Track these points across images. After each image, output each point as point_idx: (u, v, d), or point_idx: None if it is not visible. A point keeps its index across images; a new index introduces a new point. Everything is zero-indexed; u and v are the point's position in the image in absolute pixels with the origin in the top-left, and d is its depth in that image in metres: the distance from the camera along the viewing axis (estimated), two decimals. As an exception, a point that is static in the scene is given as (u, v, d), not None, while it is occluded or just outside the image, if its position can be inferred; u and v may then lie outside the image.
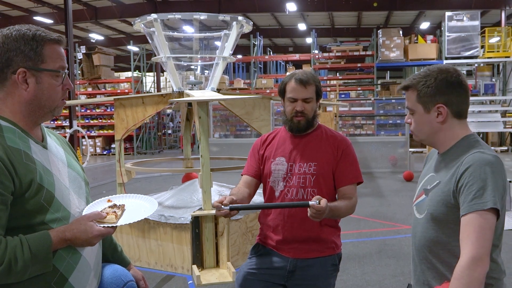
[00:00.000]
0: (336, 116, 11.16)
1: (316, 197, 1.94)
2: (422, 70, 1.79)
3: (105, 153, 17.70)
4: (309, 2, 18.25)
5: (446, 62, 14.62)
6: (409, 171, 10.02)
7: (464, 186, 1.58)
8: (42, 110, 1.58)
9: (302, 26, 22.61)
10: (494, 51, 15.56)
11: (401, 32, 15.92)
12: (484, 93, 15.84)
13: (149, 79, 21.99)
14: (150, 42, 5.04)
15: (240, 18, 4.84)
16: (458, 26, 15.08)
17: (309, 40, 22.12)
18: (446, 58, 15.15)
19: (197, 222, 4.08)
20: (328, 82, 20.26)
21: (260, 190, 2.46)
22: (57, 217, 1.52)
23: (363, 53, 17.86)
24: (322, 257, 2.27)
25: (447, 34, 15.13)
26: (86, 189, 1.75)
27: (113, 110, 7.27)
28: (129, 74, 20.22)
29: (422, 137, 1.80)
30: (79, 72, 18.21)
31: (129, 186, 5.96)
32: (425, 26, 21.06)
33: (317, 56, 18.34)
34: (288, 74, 2.51)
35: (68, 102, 4.54)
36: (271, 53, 23.52)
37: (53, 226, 1.51)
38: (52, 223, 1.51)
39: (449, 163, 1.70)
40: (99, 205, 1.68)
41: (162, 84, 21.94)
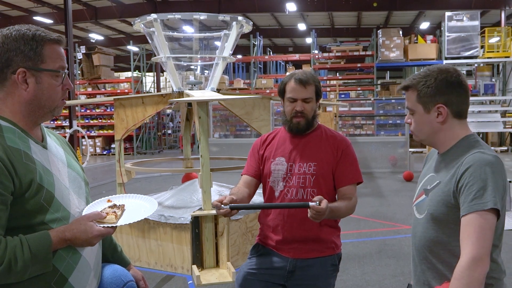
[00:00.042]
0: (336, 116, 11.16)
1: (317, 197, 1.93)
2: (422, 70, 1.79)
3: (105, 153, 17.70)
4: (309, 2, 18.25)
5: (446, 62, 14.62)
6: (409, 171, 10.02)
7: (464, 186, 1.58)
8: (42, 110, 1.58)
9: (302, 26, 22.61)
10: (494, 51, 15.57)
11: (401, 32, 15.93)
12: (484, 93, 15.84)
13: (149, 79, 21.98)
14: (150, 42, 5.04)
15: (240, 18, 4.84)
16: (458, 26, 15.08)
17: (309, 40, 22.12)
18: (446, 58, 15.15)
19: (197, 222, 4.08)
20: (328, 82, 20.26)
21: (260, 190, 2.45)
22: (57, 217, 1.52)
23: (363, 53, 17.86)
24: (322, 257, 2.27)
25: (447, 34, 15.14)
26: (86, 189, 1.75)
27: (113, 110, 7.27)
28: (129, 74, 20.20)
29: (422, 137, 1.80)
30: (79, 72, 18.20)
31: (129, 186, 5.96)
32: (425, 26, 21.07)
33: (317, 56, 18.34)
34: (287, 74, 2.51)
35: (68, 102, 4.54)
36: (271, 53, 23.53)
37: (53, 226, 1.51)
38: (52, 223, 1.51)
39: (449, 163, 1.70)
40: (99, 205, 1.68)
41: (162, 84, 21.93)
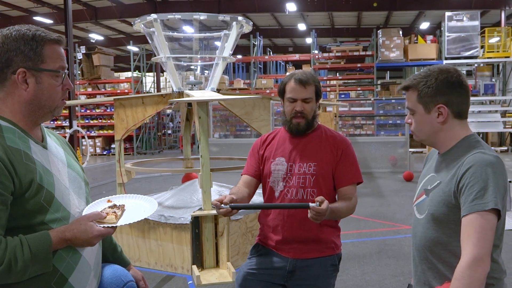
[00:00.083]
0: (336, 116, 11.16)
1: (318, 198, 1.92)
2: (422, 70, 1.78)
3: (105, 153, 17.70)
4: (309, 2, 18.25)
5: (446, 62, 14.62)
6: (409, 171, 10.02)
7: (465, 186, 1.57)
8: (42, 110, 1.58)
9: (302, 26, 22.61)
10: (494, 51, 15.56)
11: (401, 32, 15.93)
12: (484, 93, 15.84)
13: (149, 79, 21.97)
14: (150, 42, 5.04)
15: (240, 18, 4.84)
16: (458, 26, 15.08)
17: (309, 40, 22.12)
18: (446, 58, 15.15)
19: (197, 222, 4.08)
20: (328, 82, 20.26)
21: (260, 190, 2.45)
22: (57, 217, 1.52)
23: (363, 53, 17.85)
24: (322, 257, 2.27)
25: (447, 34, 15.14)
26: (86, 189, 1.75)
27: (113, 110, 7.27)
28: (129, 74, 20.19)
29: (422, 137, 1.80)
30: (79, 72, 18.20)
31: (129, 186, 5.96)
32: (425, 26, 21.07)
33: (317, 56, 18.33)
34: (287, 74, 2.51)
35: (68, 102, 4.54)
36: (271, 53, 23.53)
37: (53, 226, 1.51)
38: (52, 223, 1.51)
39: (449, 164, 1.70)
40: (99, 205, 1.67)
41: (162, 84, 21.93)
